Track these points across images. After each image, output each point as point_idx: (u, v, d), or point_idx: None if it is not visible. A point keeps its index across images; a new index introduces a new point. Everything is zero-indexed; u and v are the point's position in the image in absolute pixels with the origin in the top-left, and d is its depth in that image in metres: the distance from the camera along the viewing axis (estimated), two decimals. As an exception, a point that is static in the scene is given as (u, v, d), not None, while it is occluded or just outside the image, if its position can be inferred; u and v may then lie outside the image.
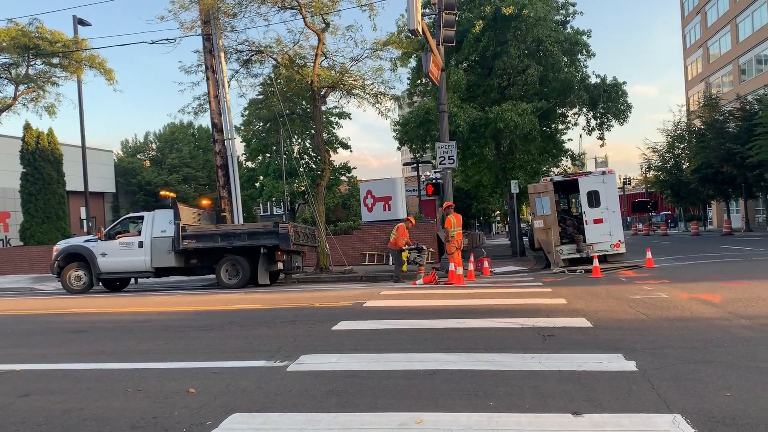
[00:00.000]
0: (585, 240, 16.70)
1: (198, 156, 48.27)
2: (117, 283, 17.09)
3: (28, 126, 26.86)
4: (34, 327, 8.91)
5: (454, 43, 17.64)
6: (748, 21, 44.00)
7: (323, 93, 19.45)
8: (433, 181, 29.12)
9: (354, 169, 45.05)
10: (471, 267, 14.94)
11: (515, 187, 22.39)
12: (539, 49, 22.33)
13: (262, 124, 36.93)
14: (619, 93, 23.06)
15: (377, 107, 20.25)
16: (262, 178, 42.92)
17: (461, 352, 5.44)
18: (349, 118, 39.75)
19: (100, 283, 16.57)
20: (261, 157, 43.12)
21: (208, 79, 18.48)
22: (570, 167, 28.90)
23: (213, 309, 10.13)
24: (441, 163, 17.13)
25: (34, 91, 22.79)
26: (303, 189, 35.16)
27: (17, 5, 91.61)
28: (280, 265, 15.79)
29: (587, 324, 6.67)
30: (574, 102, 23.87)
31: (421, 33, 14.18)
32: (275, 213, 57.68)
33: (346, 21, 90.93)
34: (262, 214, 55.92)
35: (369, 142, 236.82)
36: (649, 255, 15.62)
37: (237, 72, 20.16)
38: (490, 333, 6.44)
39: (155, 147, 50.74)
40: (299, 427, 3.54)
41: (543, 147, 25.01)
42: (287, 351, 5.79)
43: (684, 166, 43.87)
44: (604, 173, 17.48)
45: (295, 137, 38.19)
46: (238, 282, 15.51)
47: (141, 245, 16.00)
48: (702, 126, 38.84)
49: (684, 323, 6.55)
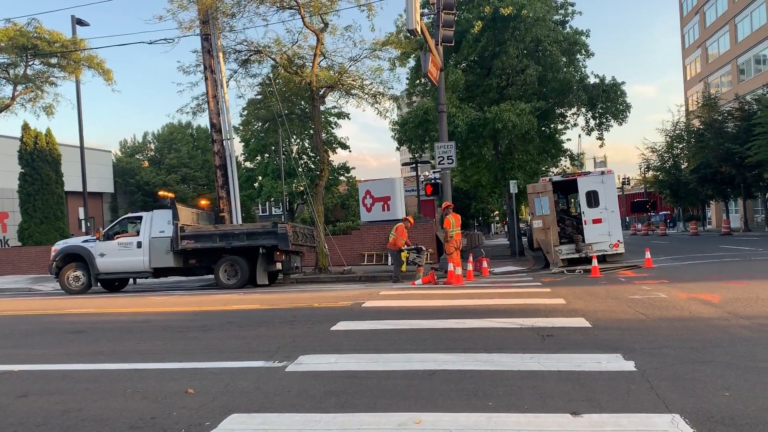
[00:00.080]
0: (584, 240, 16.70)
1: (197, 156, 48.22)
2: (115, 284, 17.08)
3: (26, 126, 26.80)
4: (32, 327, 8.90)
5: (452, 43, 17.66)
6: (746, 21, 44.04)
7: (322, 93, 19.45)
8: (432, 181, 29.09)
9: (353, 169, 45.20)
10: (470, 267, 14.95)
11: (514, 187, 22.39)
12: (538, 49, 22.36)
13: (260, 124, 37.01)
14: (618, 93, 23.07)
15: (376, 107, 20.33)
16: (260, 178, 42.90)
17: (460, 352, 5.44)
18: (348, 118, 39.85)
19: (98, 284, 16.56)
20: (260, 157, 43.12)
21: (206, 79, 18.47)
22: (569, 167, 28.88)
23: (212, 309, 10.11)
24: (440, 163, 17.13)
25: (32, 92, 22.72)
26: (302, 189, 35.15)
27: (15, 5, 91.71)
28: (278, 266, 15.77)
29: (586, 324, 6.68)
30: (572, 102, 23.87)
31: (420, 33, 14.17)
32: (274, 213, 57.58)
33: (344, 21, 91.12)
34: (260, 214, 55.84)
35: (368, 142, 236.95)
36: (648, 255, 15.65)
37: (235, 72, 20.21)
38: (489, 333, 6.44)
39: (154, 147, 50.69)
40: (298, 428, 3.54)
41: (542, 147, 25.01)
42: (286, 351, 5.79)
43: (683, 166, 43.90)
44: (602, 173, 17.48)
45: (294, 137, 38.17)
46: (236, 282, 15.50)
47: (139, 245, 16.00)
48: (701, 126, 38.88)
49: (683, 323, 6.56)
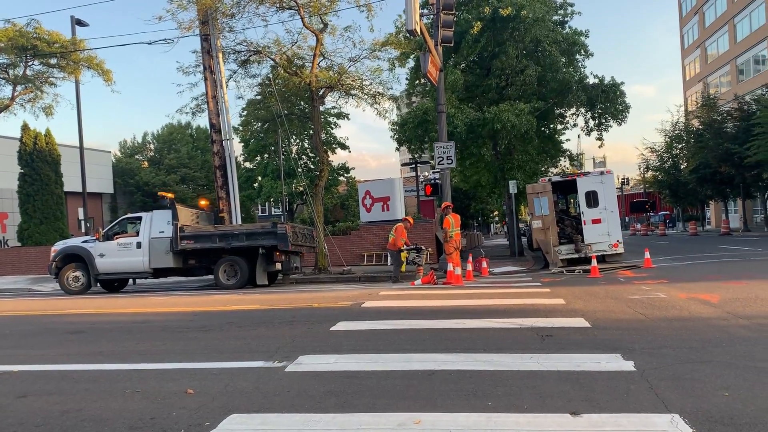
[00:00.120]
0: (583, 240, 16.70)
1: (196, 156, 48.22)
2: (115, 284, 17.07)
3: (25, 126, 26.78)
4: (32, 328, 8.90)
5: (452, 44, 17.68)
6: (746, 21, 44.07)
7: (321, 93, 19.46)
8: (432, 182, 29.12)
9: (352, 170, 45.07)
10: (469, 267, 14.95)
11: (513, 188, 22.39)
12: (537, 50, 22.36)
13: (260, 124, 37.02)
14: (617, 93, 23.06)
15: (375, 108, 20.37)
16: (260, 178, 42.86)
17: (460, 352, 5.44)
18: (348, 118, 39.72)
19: (98, 284, 16.56)
20: (259, 158, 43.08)
21: (206, 80, 18.47)
22: (568, 167, 28.89)
23: (211, 310, 10.11)
24: (439, 164, 17.13)
25: (31, 92, 22.71)
26: (301, 189, 35.16)
27: (15, 6, 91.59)
28: (278, 266, 15.77)
29: (585, 324, 6.68)
30: (572, 102, 23.88)
31: (420, 33, 14.19)
32: (273, 213, 57.56)
33: (344, 22, 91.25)
34: (260, 214, 55.83)
35: (367, 142, 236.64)
36: (648, 255, 15.66)
37: (235, 72, 20.23)
38: (488, 333, 6.44)
39: (153, 147, 50.69)
40: (297, 428, 3.54)
41: (541, 147, 25.00)
42: (285, 351, 5.79)
43: (682, 166, 43.90)
44: (602, 173, 17.49)
45: (294, 137, 38.13)
46: (236, 283, 15.50)
47: (139, 246, 16.00)
48: (700, 126, 38.89)
49: (682, 323, 6.56)
